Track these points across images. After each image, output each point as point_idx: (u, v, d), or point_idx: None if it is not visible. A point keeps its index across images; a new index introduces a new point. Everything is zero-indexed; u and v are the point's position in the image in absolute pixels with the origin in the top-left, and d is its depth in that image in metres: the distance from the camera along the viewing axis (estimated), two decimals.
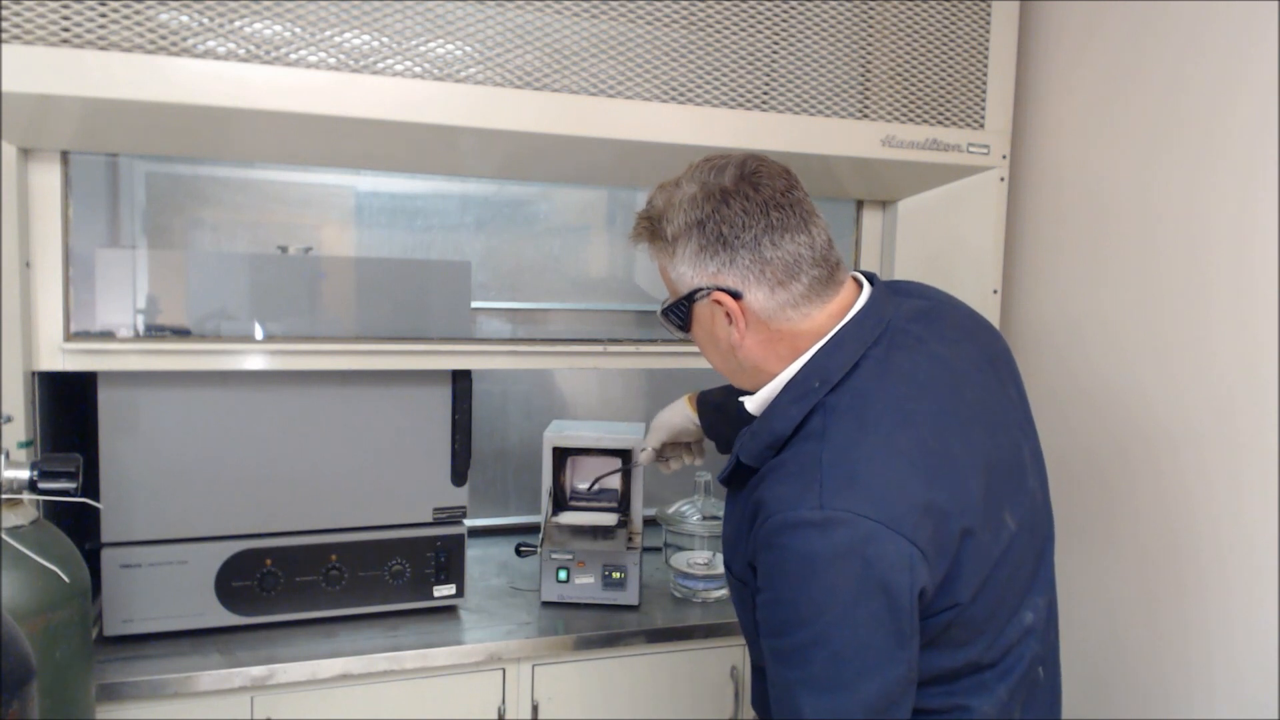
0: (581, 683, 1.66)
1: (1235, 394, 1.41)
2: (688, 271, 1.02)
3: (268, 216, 1.86)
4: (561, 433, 1.81)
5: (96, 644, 1.49)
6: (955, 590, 0.95)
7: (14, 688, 0.81)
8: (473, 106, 1.46)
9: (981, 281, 1.85)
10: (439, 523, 1.72)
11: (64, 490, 1.19)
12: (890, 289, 1.11)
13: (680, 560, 1.85)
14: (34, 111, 1.33)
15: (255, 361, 1.54)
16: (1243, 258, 1.40)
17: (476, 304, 2.02)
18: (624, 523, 1.75)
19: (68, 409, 1.62)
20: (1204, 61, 1.47)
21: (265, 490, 1.61)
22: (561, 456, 1.82)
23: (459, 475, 1.72)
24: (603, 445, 1.79)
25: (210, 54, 1.34)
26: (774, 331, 1.02)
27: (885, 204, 2.05)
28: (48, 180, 1.48)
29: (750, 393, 1.07)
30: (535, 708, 1.63)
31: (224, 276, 1.59)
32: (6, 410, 1.36)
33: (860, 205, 2.05)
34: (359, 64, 1.41)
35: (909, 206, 1.98)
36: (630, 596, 1.76)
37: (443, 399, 1.70)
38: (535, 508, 2.13)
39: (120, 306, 1.54)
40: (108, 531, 1.53)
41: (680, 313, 1.06)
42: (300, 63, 1.38)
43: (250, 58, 1.36)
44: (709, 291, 1.01)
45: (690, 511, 1.98)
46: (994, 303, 1.85)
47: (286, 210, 1.88)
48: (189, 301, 1.57)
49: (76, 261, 1.51)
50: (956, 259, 1.89)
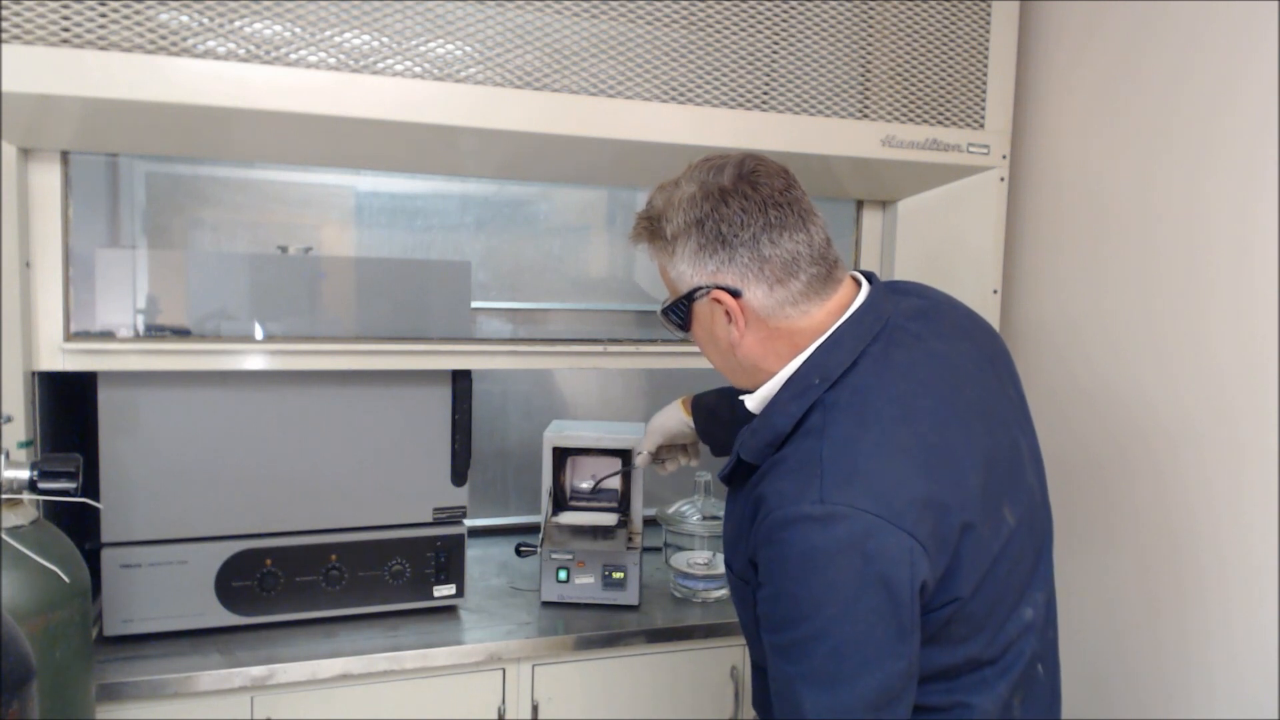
0: (581, 683, 1.66)
1: (1235, 394, 1.41)
2: (687, 270, 1.03)
3: (268, 216, 1.86)
4: (561, 433, 1.81)
5: (96, 644, 1.49)
6: (955, 584, 0.95)
7: (14, 688, 0.81)
8: (473, 106, 1.47)
9: (981, 281, 1.85)
10: (439, 523, 1.72)
11: (64, 490, 1.19)
12: (889, 288, 1.12)
13: (680, 560, 1.85)
14: (34, 111, 1.33)
15: (255, 361, 1.54)
16: (1243, 258, 1.40)
17: (476, 304, 2.02)
18: (624, 523, 1.75)
19: (68, 409, 1.62)
20: (1204, 61, 1.47)
21: (265, 490, 1.61)
22: (561, 456, 1.82)
23: (459, 475, 1.72)
24: (603, 445, 1.79)
25: (210, 54, 1.34)
26: (773, 329, 1.02)
27: (885, 204, 2.05)
28: (48, 180, 1.48)
29: (750, 392, 1.08)
30: (535, 708, 1.63)
31: (224, 276, 1.59)
32: (6, 410, 1.36)
33: (860, 205, 2.05)
34: (359, 64, 1.41)
35: (909, 206, 1.98)
36: (630, 596, 1.76)
37: (443, 399, 1.70)
38: (535, 508, 2.13)
39: (120, 306, 1.54)
40: (108, 531, 1.53)
41: (680, 312, 1.06)
42: (300, 63, 1.38)
43: (250, 58, 1.36)
44: (708, 290, 1.02)
45: (690, 511, 1.98)
46: (994, 303, 1.85)
47: (286, 210, 1.88)
48: (189, 301, 1.58)
49: (76, 261, 1.51)
50: (956, 259, 1.89)
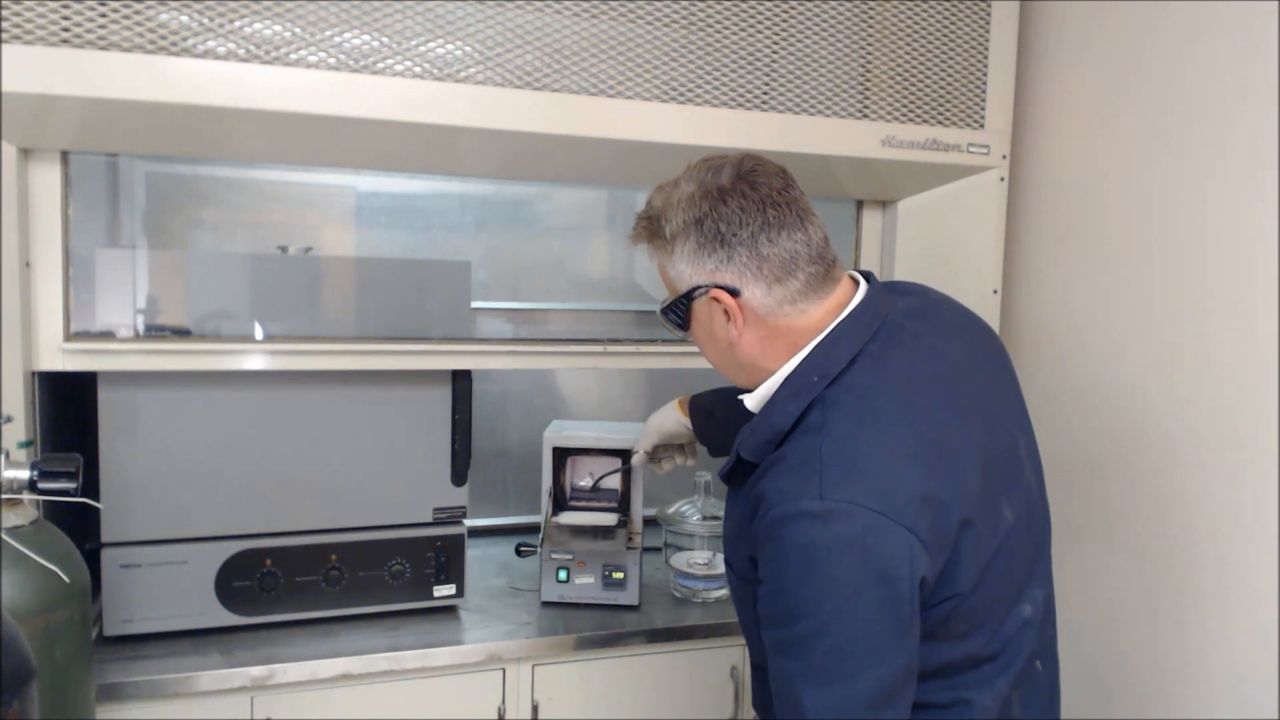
0: (581, 683, 1.66)
1: (1235, 394, 1.41)
2: (686, 270, 1.03)
3: (268, 216, 1.86)
4: (561, 433, 1.81)
5: (96, 644, 1.49)
6: (955, 580, 0.96)
7: (14, 688, 0.81)
8: (473, 106, 1.47)
9: (981, 281, 1.85)
10: (439, 523, 1.72)
11: (64, 490, 1.19)
12: (887, 288, 1.12)
13: (680, 560, 1.85)
14: (34, 111, 1.33)
15: (255, 361, 1.54)
16: (1243, 258, 1.40)
17: (476, 304, 2.02)
18: (624, 523, 1.75)
19: (68, 409, 1.62)
20: (1204, 61, 1.47)
21: (265, 490, 1.61)
22: (561, 456, 1.82)
23: (459, 475, 1.72)
24: (602, 445, 1.79)
25: (210, 54, 1.34)
26: (771, 328, 1.02)
27: (885, 204, 2.04)
28: (48, 180, 1.48)
29: (750, 390, 1.08)
30: (535, 708, 1.63)
31: (224, 276, 1.59)
32: (6, 410, 1.37)
33: (860, 205, 2.05)
34: (359, 64, 1.41)
35: (909, 206, 1.98)
36: (630, 596, 1.76)
37: (443, 399, 1.70)
38: (535, 508, 2.12)
39: (120, 306, 1.54)
40: (108, 531, 1.53)
41: (679, 311, 1.07)
42: (300, 63, 1.38)
43: (250, 58, 1.36)
44: (707, 289, 1.02)
45: (690, 511, 1.98)
46: (994, 303, 1.85)
47: (286, 210, 1.88)
48: (189, 301, 1.58)
49: (76, 261, 1.51)
50: (956, 259, 1.89)
